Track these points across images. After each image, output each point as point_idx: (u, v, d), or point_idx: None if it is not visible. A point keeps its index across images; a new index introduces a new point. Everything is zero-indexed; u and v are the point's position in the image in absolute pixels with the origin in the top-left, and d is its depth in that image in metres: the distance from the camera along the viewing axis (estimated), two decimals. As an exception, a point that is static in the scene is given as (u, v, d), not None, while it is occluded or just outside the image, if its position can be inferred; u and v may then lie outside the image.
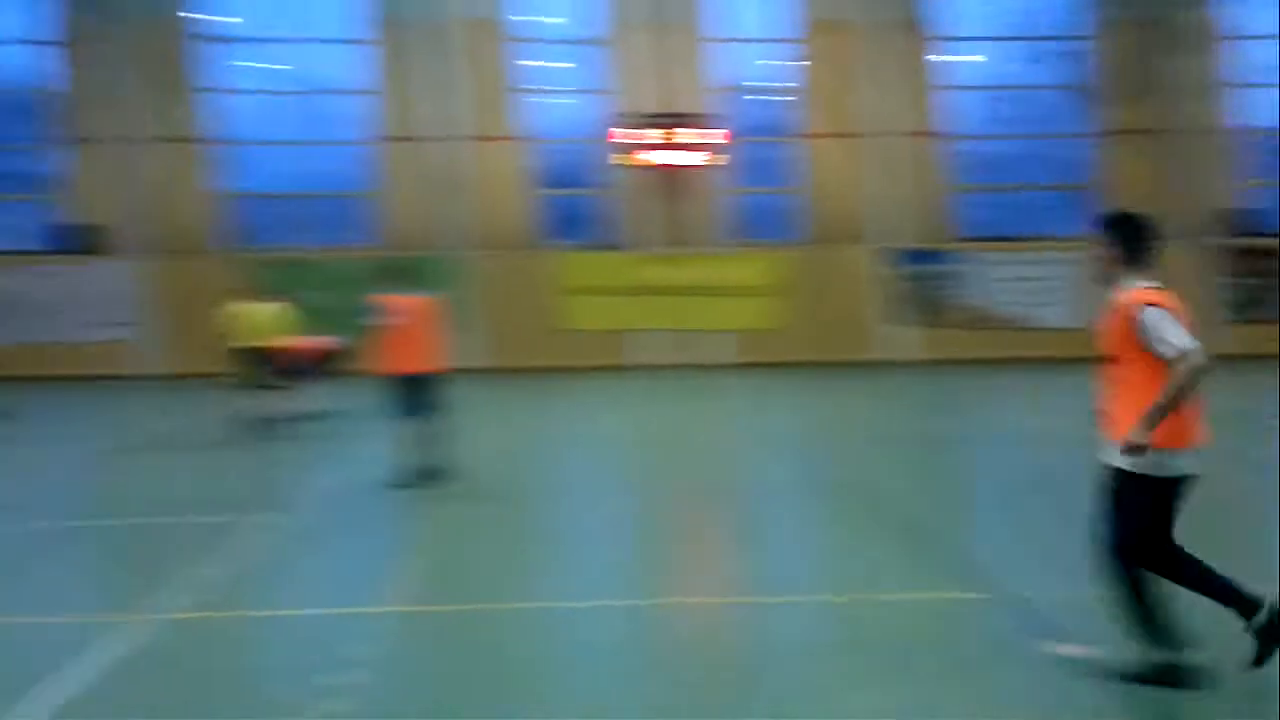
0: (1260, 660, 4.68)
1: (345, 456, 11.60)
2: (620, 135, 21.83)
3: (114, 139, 22.02)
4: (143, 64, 22.06)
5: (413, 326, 9.40)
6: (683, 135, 21.74)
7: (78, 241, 21.94)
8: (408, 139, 22.77)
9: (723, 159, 22.07)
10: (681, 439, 13.31)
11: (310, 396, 13.94)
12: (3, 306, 21.05)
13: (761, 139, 23.22)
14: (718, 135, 21.78)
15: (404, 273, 9.85)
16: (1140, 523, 4.66)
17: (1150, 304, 4.60)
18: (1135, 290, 4.69)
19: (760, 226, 22.96)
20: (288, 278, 19.82)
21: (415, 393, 9.42)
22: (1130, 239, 4.81)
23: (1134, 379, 4.63)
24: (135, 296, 21.85)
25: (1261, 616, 4.66)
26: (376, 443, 10.42)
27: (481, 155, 22.73)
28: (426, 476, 9.44)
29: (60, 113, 22.61)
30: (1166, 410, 4.48)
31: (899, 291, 22.27)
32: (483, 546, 7.90)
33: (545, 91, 23.41)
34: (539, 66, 23.23)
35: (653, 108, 21.98)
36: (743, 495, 9.69)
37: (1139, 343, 4.58)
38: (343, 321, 21.01)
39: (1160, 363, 4.52)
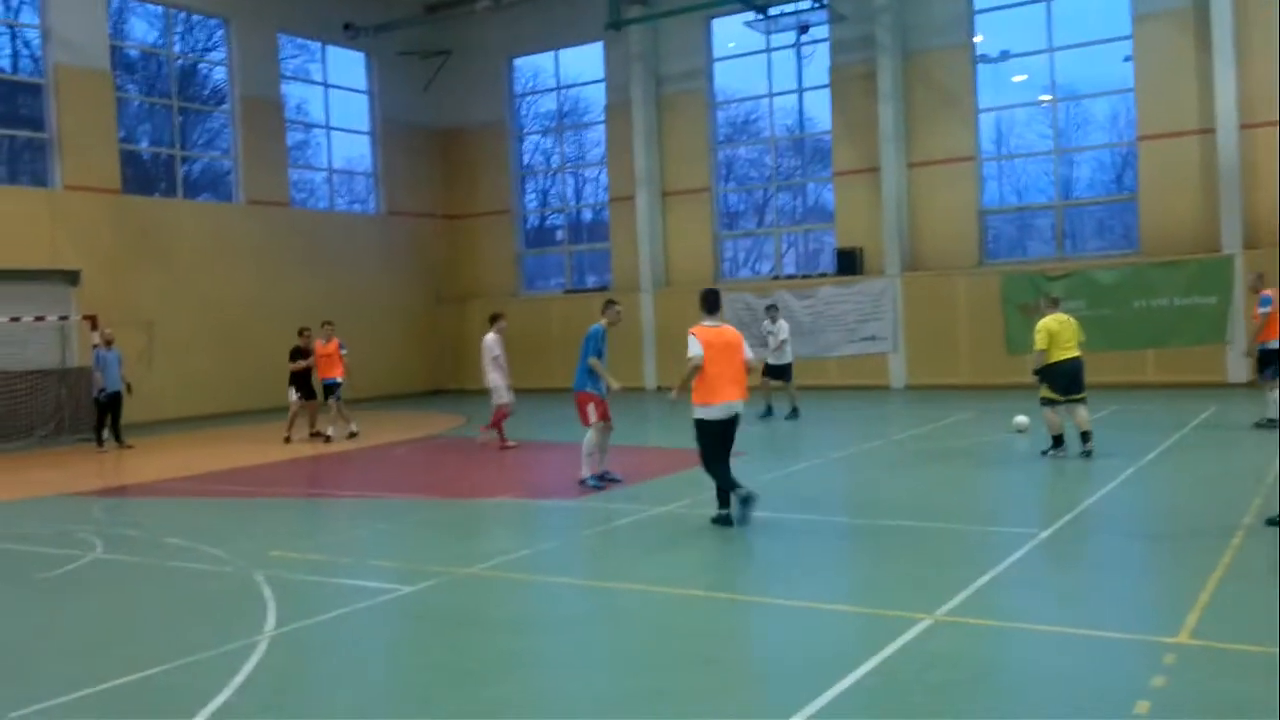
0: (745, 515, 8.73)
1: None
2: None
3: (870, 168, 23.60)
4: (901, 92, 23.33)
5: None
6: None
7: (846, 264, 23.88)
8: (1171, 135, 21.01)
9: None
10: None
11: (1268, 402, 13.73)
12: (797, 324, 23.58)
13: None
14: None
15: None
16: (704, 446, 8.92)
17: (691, 332, 8.83)
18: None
19: None
20: (1053, 289, 19.24)
21: None
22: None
23: None
24: (893, 313, 23.14)
25: (743, 492, 8.68)
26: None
27: (1260, 143, 20.12)
28: None
29: (826, 149, 24.90)
30: (683, 384, 8.95)
31: None
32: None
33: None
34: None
35: None
36: None
37: None
38: (1137, 331, 19.88)
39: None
